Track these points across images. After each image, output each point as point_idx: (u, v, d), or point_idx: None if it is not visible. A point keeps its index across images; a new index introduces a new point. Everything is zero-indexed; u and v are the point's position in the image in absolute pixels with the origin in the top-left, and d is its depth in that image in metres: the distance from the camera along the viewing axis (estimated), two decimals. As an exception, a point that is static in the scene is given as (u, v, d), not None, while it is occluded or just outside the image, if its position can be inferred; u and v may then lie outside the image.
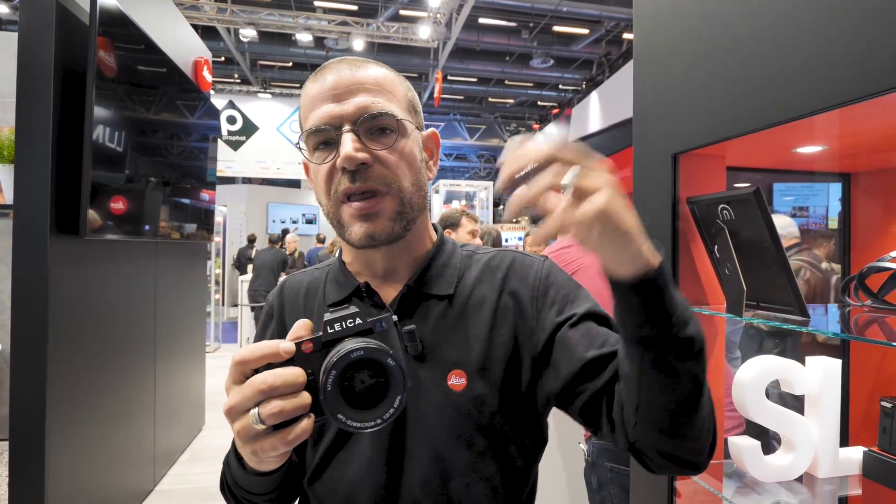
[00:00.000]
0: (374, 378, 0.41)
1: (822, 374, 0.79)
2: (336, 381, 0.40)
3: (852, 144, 0.82)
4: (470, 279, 0.64)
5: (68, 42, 1.78)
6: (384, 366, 0.41)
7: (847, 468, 0.82)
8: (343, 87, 0.57)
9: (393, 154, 0.58)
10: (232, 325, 7.78)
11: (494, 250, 0.68)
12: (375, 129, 0.57)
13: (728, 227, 0.72)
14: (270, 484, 0.53)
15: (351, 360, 0.40)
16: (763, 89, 0.67)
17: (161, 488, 2.70)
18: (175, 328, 3.02)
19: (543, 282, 0.62)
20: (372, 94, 0.57)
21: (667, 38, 0.86)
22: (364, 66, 0.59)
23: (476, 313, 0.62)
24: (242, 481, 0.53)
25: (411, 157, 0.60)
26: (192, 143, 3.08)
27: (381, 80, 0.59)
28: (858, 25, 0.56)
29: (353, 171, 0.56)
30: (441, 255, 0.66)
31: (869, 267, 0.84)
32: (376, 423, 0.40)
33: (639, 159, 0.90)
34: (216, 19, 8.61)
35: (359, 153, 0.55)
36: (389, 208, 0.58)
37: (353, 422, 0.40)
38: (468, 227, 2.48)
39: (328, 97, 0.57)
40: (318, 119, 0.57)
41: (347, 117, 0.56)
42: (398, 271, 0.64)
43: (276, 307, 0.69)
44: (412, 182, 0.60)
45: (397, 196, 0.58)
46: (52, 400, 1.73)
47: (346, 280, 0.65)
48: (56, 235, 1.75)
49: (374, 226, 0.57)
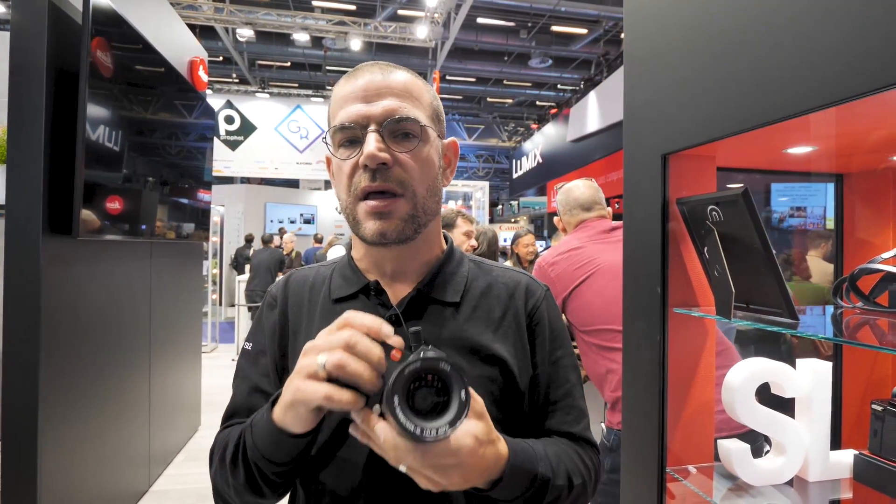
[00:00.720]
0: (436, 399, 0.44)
1: (813, 376, 0.79)
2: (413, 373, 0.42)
3: (843, 145, 0.82)
4: (477, 290, 0.67)
5: (61, 42, 1.77)
6: (453, 392, 0.44)
7: (838, 472, 0.81)
8: (373, 90, 0.60)
9: (413, 158, 0.60)
10: (229, 325, 7.77)
11: (505, 268, 0.72)
12: (399, 132, 0.60)
13: (717, 229, 0.72)
14: (293, 449, 0.53)
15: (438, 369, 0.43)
16: (752, 89, 0.66)
17: (156, 489, 2.69)
18: (171, 328, 3.01)
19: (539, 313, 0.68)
20: (400, 99, 0.60)
21: (657, 37, 0.85)
22: (395, 72, 0.62)
23: (480, 324, 0.64)
24: (266, 443, 0.53)
25: (430, 163, 0.62)
26: (187, 143, 3.07)
27: (410, 86, 0.62)
28: (847, 24, 0.56)
29: (374, 170, 0.58)
30: (450, 263, 0.68)
31: (860, 268, 0.84)
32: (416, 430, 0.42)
33: (629, 160, 0.89)
34: (213, 19, 8.60)
35: (381, 153, 0.57)
36: (403, 210, 0.60)
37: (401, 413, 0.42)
38: (463, 227, 2.47)
39: (358, 97, 0.60)
40: (346, 117, 0.59)
41: (374, 118, 0.59)
42: (406, 273, 0.66)
43: (280, 299, 0.69)
44: (427, 187, 0.62)
45: (412, 199, 0.60)
46: (44, 400, 1.73)
47: (354, 276, 0.67)
48: (49, 235, 1.74)
49: (387, 224, 0.59)
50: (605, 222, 1.73)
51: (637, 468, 0.89)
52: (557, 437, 0.65)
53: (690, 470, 0.84)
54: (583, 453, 0.65)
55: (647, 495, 0.85)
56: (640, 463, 0.88)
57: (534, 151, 13.48)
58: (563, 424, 0.66)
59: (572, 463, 0.62)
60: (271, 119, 11.20)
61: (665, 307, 0.81)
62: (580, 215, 1.77)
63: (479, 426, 0.49)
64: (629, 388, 0.91)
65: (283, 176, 11.38)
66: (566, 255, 1.66)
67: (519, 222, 8.85)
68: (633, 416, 0.90)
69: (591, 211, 1.76)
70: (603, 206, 1.79)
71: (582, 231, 1.73)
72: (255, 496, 0.57)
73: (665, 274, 0.81)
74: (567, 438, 0.66)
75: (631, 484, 0.90)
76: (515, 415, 0.64)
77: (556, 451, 0.60)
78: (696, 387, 0.84)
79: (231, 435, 0.59)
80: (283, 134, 11.25)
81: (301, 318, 0.67)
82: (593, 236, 1.69)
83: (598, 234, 1.69)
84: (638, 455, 0.88)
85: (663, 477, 0.83)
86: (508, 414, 0.62)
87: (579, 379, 0.69)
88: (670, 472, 0.84)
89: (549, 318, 0.68)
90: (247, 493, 0.57)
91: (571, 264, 1.62)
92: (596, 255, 1.61)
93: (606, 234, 1.69)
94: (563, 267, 1.63)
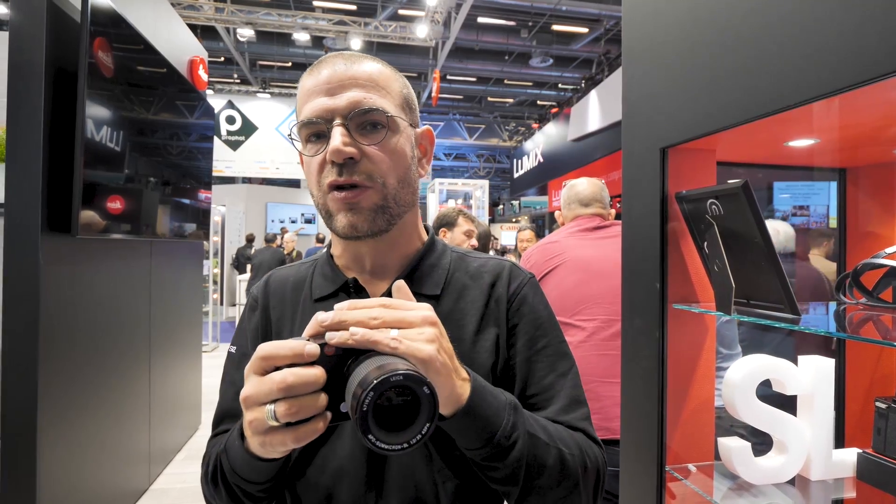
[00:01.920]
0: (402, 398, 0.41)
1: (815, 373, 0.78)
2: (372, 402, 0.39)
3: (846, 137, 0.81)
4: (459, 282, 0.65)
5: (60, 41, 1.77)
6: (418, 394, 0.41)
7: (841, 470, 0.80)
8: (336, 82, 0.58)
9: (381, 150, 0.58)
10: (230, 324, 7.78)
11: (488, 257, 0.69)
12: (366, 124, 0.58)
13: (717, 223, 0.71)
14: (271, 470, 0.52)
15: (391, 384, 0.40)
16: (750, 81, 0.65)
17: (156, 487, 2.69)
18: (171, 327, 3.01)
19: (521, 297, 0.64)
20: (365, 90, 0.58)
21: (656, 31, 0.84)
22: (359, 62, 0.60)
23: (463, 316, 0.63)
24: (242, 468, 0.52)
25: (401, 153, 0.61)
26: (187, 143, 3.07)
27: (376, 75, 0.60)
28: (842, 15, 0.55)
29: (341, 165, 0.57)
30: (431, 256, 0.66)
31: (864, 264, 0.82)
32: (402, 447, 0.40)
33: (628, 154, 0.88)
34: (214, 19, 8.61)
35: (347, 147, 0.56)
36: (371, 200, 0.58)
37: (380, 442, 0.40)
38: (464, 226, 2.46)
39: (322, 90, 0.58)
40: (310, 111, 0.58)
41: (339, 111, 0.57)
42: (387, 268, 0.65)
43: (261, 301, 0.69)
44: (399, 178, 0.60)
45: (381, 191, 0.59)
46: (43, 399, 1.72)
47: (334, 274, 0.66)
48: (48, 234, 1.74)
49: (357, 217, 0.58)
50: (595, 220, 1.72)
51: (637, 467, 0.88)
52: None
53: (690, 468, 0.83)
54: (580, 441, 0.58)
55: (646, 494, 0.84)
56: (639, 462, 0.87)
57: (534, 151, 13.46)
58: (556, 415, 0.60)
59: (570, 439, 0.56)
60: (272, 119, 11.20)
61: (664, 303, 0.80)
62: (577, 210, 1.77)
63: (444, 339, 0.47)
64: (628, 385, 0.90)
65: (284, 176, 11.39)
66: (542, 247, 1.69)
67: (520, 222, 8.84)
68: (633, 414, 0.89)
69: (589, 207, 1.76)
70: (603, 204, 1.78)
71: (569, 226, 1.74)
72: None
73: (664, 269, 0.80)
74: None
75: (631, 483, 0.89)
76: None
77: (543, 425, 0.55)
78: (695, 384, 0.83)
79: (213, 452, 0.59)
80: (284, 134, 11.25)
81: (284, 319, 0.66)
82: (574, 233, 1.70)
83: (580, 231, 1.69)
84: (637, 453, 0.87)
85: (663, 476, 0.82)
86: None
87: (572, 368, 0.64)
88: (670, 471, 0.83)
89: (533, 304, 0.64)
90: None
91: (543, 256, 1.66)
92: (566, 249, 1.63)
93: (589, 231, 1.69)
94: (536, 259, 1.67)
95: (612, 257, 1.58)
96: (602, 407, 1.44)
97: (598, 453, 0.60)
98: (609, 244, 1.63)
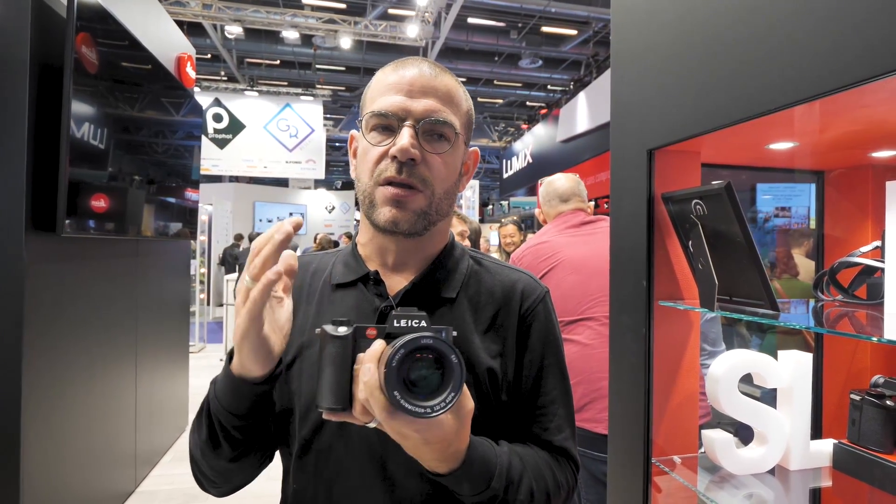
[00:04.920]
0: (432, 370, 0.43)
1: (794, 367, 0.81)
2: (400, 361, 0.41)
3: (824, 141, 0.84)
4: (473, 288, 0.67)
5: (45, 36, 1.74)
6: (447, 361, 0.42)
7: (818, 460, 0.83)
8: (418, 86, 0.61)
9: (440, 161, 0.62)
10: (217, 324, 7.69)
11: (505, 265, 0.72)
12: (434, 133, 0.62)
13: (701, 222, 0.73)
14: (252, 394, 0.54)
15: (420, 345, 0.42)
16: (734, 86, 0.68)
17: (142, 489, 2.66)
18: (157, 327, 2.97)
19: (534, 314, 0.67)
20: (441, 102, 0.62)
21: (643, 37, 0.87)
22: (442, 74, 0.64)
23: (474, 321, 0.65)
24: (225, 393, 0.55)
25: (453, 167, 0.64)
26: (174, 141, 3.04)
27: (453, 91, 0.64)
28: (822, 23, 0.57)
29: (402, 163, 0.59)
30: (450, 259, 0.69)
31: (840, 262, 0.86)
32: (426, 411, 0.42)
33: (616, 156, 0.90)
34: (202, 15, 8.50)
35: (413, 149, 0.59)
36: (419, 204, 0.61)
37: (404, 402, 0.41)
38: (458, 227, 2.47)
39: (402, 89, 0.61)
40: (386, 104, 0.61)
41: (414, 114, 0.60)
42: (407, 266, 0.67)
43: None
44: (446, 190, 0.63)
45: (429, 198, 0.61)
46: (27, 400, 1.70)
47: (356, 264, 0.68)
48: (32, 233, 1.71)
49: (402, 214, 0.60)
50: (579, 215, 1.74)
51: (623, 459, 0.90)
52: (536, 448, 0.64)
53: (675, 460, 0.86)
54: (555, 466, 0.63)
55: (633, 486, 0.86)
56: (626, 454, 0.89)
57: (524, 151, 13.53)
58: (543, 433, 0.65)
59: (540, 476, 0.60)
60: (260, 117, 11.10)
61: (651, 300, 0.82)
62: (558, 207, 1.79)
63: (469, 403, 0.50)
64: (615, 380, 0.92)
65: (272, 175, 11.30)
66: (534, 248, 1.70)
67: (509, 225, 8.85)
68: (620, 408, 0.91)
69: (569, 202, 1.78)
70: (582, 198, 1.80)
71: (555, 223, 1.76)
72: (214, 451, 0.58)
73: (651, 267, 0.82)
74: (546, 448, 0.65)
75: (617, 474, 0.92)
76: (496, 422, 0.63)
77: (521, 464, 0.59)
78: (681, 378, 0.85)
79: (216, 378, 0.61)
80: (272, 132, 11.16)
81: (300, 300, 0.68)
82: (563, 230, 1.71)
83: (568, 228, 1.71)
84: (624, 446, 0.90)
85: (649, 467, 0.84)
86: (489, 420, 0.62)
87: (567, 389, 0.68)
88: (656, 463, 0.85)
89: (545, 320, 0.67)
90: (208, 450, 0.58)
91: (536, 257, 1.67)
92: (560, 248, 1.64)
93: (577, 227, 1.71)
94: (529, 260, 1.68)
95: (604, 255, 1.60)
96: None
97: (569, 475, 0.65)
98: (599, 240, 1.65)
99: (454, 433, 0.49)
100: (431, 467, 0.51)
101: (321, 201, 11.95)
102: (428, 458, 0.50)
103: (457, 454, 0.51)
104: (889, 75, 0.50)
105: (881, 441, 0.77)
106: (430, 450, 0.49)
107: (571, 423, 0.68)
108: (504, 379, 0.64)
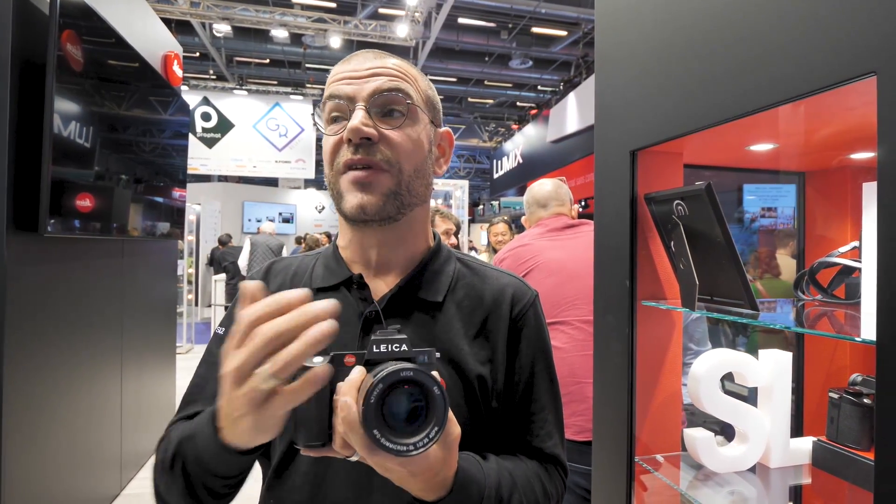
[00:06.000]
0: (413, 403, 0.40)
1: (774, 366, 0.82)
2: (379, 396, 0.38)
3: (804, 143, 0.85)
4: (461, 292, 0.65)
5: (27, 32, 1.71)
6: (430, 393, 0.39)
7: (798, 458, 0.84)
8: (364, 70, 0.59)
9: (399, 135, 0.59)
10: (205, 325, 7.62)
11: (493, 269, 0.69)
12: (388, 108, 0.59)
13: (682, 223, 0.74)
14: (245, 463, 0.50)
15: (399, 378, 0.38)
16: (715, 87, 0.69)
17: (128, 492, 2.62)
18: (144, 328, 2.94)
19: (525, 319, 0.65)
20: (391, 79, 0.60)
21: (626, 39, 0.87)
22: (391, 58, 0.62)
23: (462, 325, 0.62)
24: (210, 460, 0.48)
25: (418, 143, 0.61)
26: (161, 140, 3.00)
27: (405, 68, 0.62)
28: (802, 26, 0.58)
29: (358, 145, 0.57)
30: (436, 261, 0.66)
31: (819, 262, 0.87)
32: (408, 449, 0.38)
33: (600, 156, 0.91)
34: (189, 13, 8.42)
35: (366, 127, 0.57)
36: (385, 184, 0.58)
37: (385, 440, 0.38)
38: (442, 226, 2.47)
39: (349, 76, 0.60)
40: (335, 90, 0.59)
41: (363, 93, 0.58)
42: (391, 266, 0.64)
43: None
44: (415, 167, 0.60)
45: (396, 176, 0.58)
46: (9, 402, 1.67)
47: (338, 267, 0.65)
48: (14, 233, 1.68)
49: (368, 198, 0.57)
50: (561, 219, 1.75)
51: (607, 458, 0.91)
52: (525, 459, 0.63)
53: (658, 459, 0.86)
54: (545, 477, 0.62)
55: (617, 484, 0.87)
56: (610, 453, 0.90)
57: (514, 152, 13.57)
58: (534, 440, 0.64)
59: (529, 490, 0.59)
60: (249, 116, 11.00)
61: (634, 300, 0.83)
62: (537, 213, 1.80)
63: (455, 429, 0.47)
64: (599, 380, 0.93)
65: (261, 174, 11.20)
66: (514, 251, 1.71)
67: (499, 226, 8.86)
68: (603, 408, 0.92)
69: (548, 208, 1.79)
70: (562, 202, 1.80)
71: (536, 228, 1.77)
72: (194, 501, 0.53)
73: (633, 267, 0.83)
74: (536, 455, 0.64)
75: (601, 473, 0.92)
76: (486, 429, 0.62)
77: (510, 480, 0.57)
78: (663, 377, 0.86)
79: (173, 436, 0.56)
80: (261, 132, 11.07)
81: None
82: (543, 234, 1.72)
83: (549, 232, 1.72)
84: (608, 445, 0.90)
85: (632, 466, 0.85)
86: (478, 429, 0.60)
87: (557, 394, 0.66)
88: (639, 462, 0.86)
89: (535, 326, 0.66)
90: (184, 501, 0.53)
91: (515, 260, 1.68)
92: (538, 252, 1.65)
93: (558, 231, 1.72)
94: (508, 263, 1.69)
95: (583, 258, 1.61)
96: (588, 408, 1.45)
97: (559, 483, 0.64)
98: (580, 244, 1.66)
99: (441, 463, 0.46)
100: (419, 496, 0.49)
101: (311, 201, 11.88)
102: (415, 489, 0.48)
103: (444, 482, 0.49)
104: (866, 77, 0.51)
105: (858, 438, 0.78)
106: (416, 481, 0.46)
107: (560, 429, 0.66)
108: (494, 387, 0.62)
